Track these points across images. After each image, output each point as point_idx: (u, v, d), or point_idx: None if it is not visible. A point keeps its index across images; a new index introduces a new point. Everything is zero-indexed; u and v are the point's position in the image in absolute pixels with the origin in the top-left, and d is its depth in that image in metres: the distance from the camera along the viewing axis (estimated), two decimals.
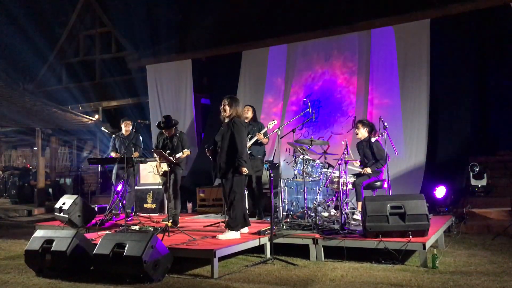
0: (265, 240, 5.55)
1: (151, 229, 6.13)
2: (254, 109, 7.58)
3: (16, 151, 16.83)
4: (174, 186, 6.67)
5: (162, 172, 6.72)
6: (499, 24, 8.75)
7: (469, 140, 8.46)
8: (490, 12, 8.43)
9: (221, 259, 5.09)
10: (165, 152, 6.50)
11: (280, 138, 7.26)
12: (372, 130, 6.82)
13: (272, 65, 10.37)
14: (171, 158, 6.40)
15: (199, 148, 11.00)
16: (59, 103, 14.10)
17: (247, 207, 7.67)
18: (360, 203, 6.24)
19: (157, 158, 6.67)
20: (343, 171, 6.46)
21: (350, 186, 6.64)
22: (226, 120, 5.73)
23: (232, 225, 5.56)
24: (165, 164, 6.59)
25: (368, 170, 6.63)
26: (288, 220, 6.45)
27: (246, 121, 7.39)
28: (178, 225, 6.62)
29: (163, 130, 6.80)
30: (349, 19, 9.36)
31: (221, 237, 5.46)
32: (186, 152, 6.63)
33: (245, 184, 6.13)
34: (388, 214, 5.15)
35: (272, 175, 5.65)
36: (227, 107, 5.69)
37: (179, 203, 6.85)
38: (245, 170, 5.49)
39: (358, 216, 6.37)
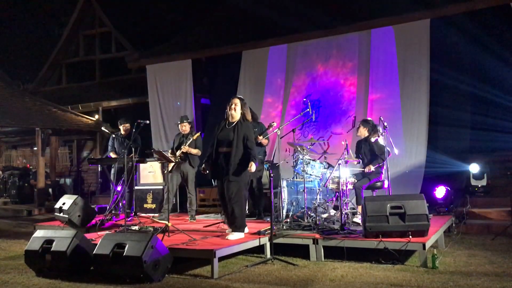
0: (265, 240, 5.56)
1: (151, 229, 6.13)
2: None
3: (16, 151, 16.78)
4: (190, 184, 7.44)
5: (170, 169, 7.07)
6: (499, 24, 8.74)
7: (469, 140, 8.46)
8: (490, 12, 8.43)
9: (221, 259, 5.09)
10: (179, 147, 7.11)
11: (280, 138, 7.26)
12: (372, 130, 6.81)
13: (272, 65, 10.35)
14: (172, 155, 6.60)
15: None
16: (59, 103, 14.08)
17: (246, 207, 7.71)
18: (360, 207, 6.23)
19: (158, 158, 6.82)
20: (343, 171, 6.46)
21: (350, 186, 6.64)
22: (233, 120, 5.62)
23: (239, 226, 5.55)
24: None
25: (372, 168, 6.60)
26: (288, 220, 6.45)
27: None
28: (178, 226, 6.62)
29: (180, 128, 7.47)
30: (349, 19, 9.35)
31: (231, 237, 5.44)
32: (195, 151, 7.26)
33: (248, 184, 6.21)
34: (388, 214, 5.15)
35: (272, 175, 5.65)
36: (238, 108, 5.62)
37: (195, 200, 7.62)
38: (254, 167, 5.52)
39: (358, 220, 6.37)
